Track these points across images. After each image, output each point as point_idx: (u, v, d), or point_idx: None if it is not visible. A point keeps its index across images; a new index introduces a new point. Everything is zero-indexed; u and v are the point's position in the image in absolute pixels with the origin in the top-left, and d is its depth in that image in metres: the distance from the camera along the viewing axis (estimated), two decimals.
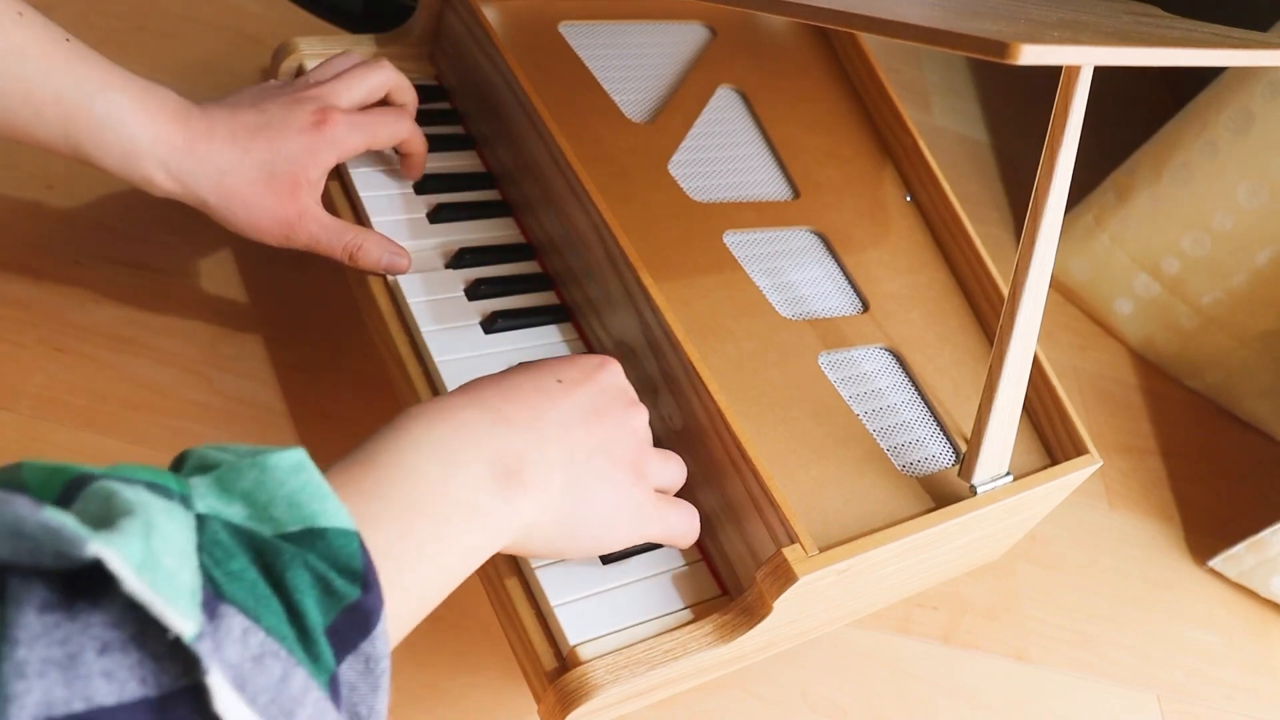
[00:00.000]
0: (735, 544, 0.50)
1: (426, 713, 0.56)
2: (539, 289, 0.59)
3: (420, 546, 0.34)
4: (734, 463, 0.50)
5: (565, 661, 0.46)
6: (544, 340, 0.57)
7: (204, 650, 0.23)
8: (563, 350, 0.57)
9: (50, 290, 0.62)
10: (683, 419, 0.52)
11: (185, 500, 0.26)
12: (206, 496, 0.27)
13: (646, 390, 0.54)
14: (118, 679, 0.22)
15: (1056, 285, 1.01)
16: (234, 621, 0.24)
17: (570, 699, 0.44)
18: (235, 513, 0.27)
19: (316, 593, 0.27)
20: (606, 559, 0.49)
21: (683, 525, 0.49)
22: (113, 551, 0.22)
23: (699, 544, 0.52)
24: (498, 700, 0.58)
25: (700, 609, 0.50)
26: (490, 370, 0.54)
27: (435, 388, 0.54)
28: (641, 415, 0.48)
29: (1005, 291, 0.54)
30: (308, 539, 0.27)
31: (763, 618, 0.47)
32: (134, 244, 0.66)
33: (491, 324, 0.56)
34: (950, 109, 1.15)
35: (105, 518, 0.24)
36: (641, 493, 0.46)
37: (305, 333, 0.66)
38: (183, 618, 0.23)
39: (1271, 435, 0.97)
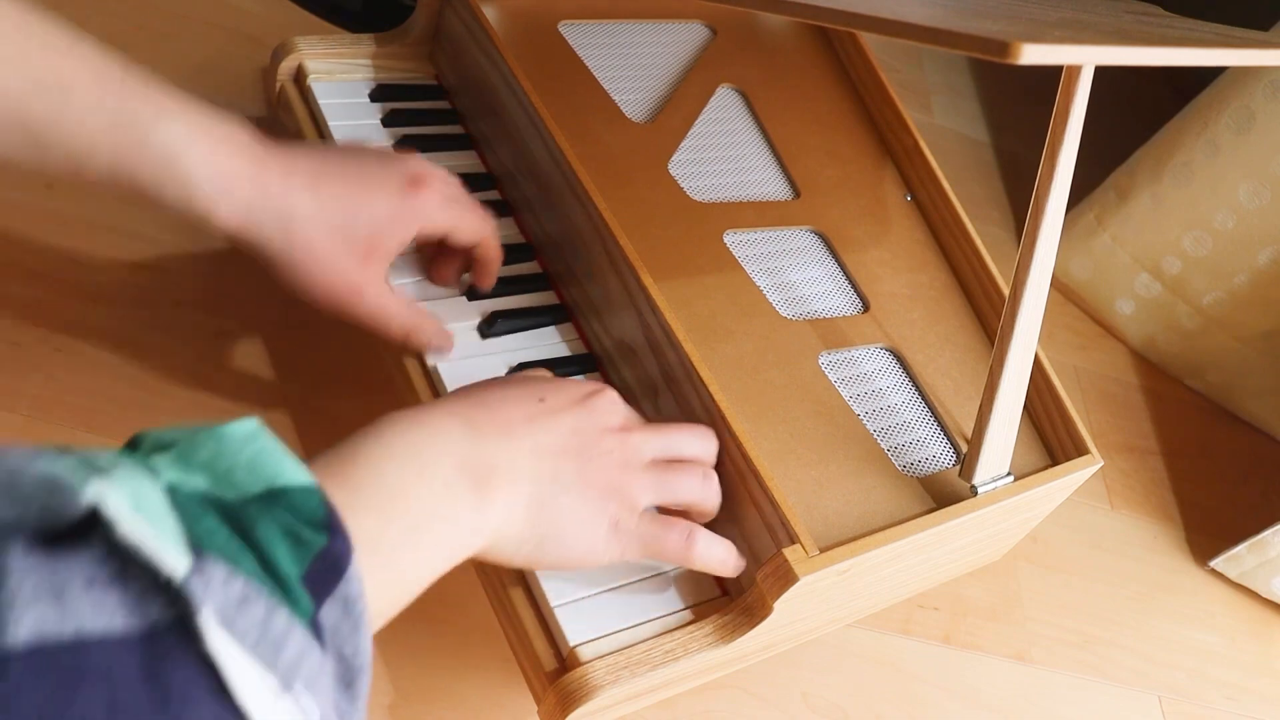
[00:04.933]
0: (736, 544, 0.50)
1: (426, 713, 0.56)
2: (539, 289, 0.59)
3: (393, 547, 0.35)
4: (734, 463, 0.49)
5: (565, 662, 0.46)
6: (544, 340, 0.57)
7: (195, 588, 0.24)
8: (562, 350, 0.57)
9: (50, 290, 0.62)
10: (683, 419, 0.52)
11: (151, 473, 0.27)
12: (169, 471, 0.28)
13: (646, 390, 0.54)
14: (105, 610, 0.23)
15: (1057, 285, 1.01)
16: (216, 568, 0.25)
17: (570, 700, 0.44)
18: (199, 482, 0.28)
19: (287, 544, 0.28)
20: None
21: (672, 546, 0.46)
22: (110, 492, 0.23)
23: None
24: (498, 700, 0.58)
25: (700, 609, 0.50)
26: (489, 372, 0.55)
27: (435, 388, 0.54)
28: (633, 443, 0.46)
29: (1006, 291, 0.54)
30: (271, 498, 0.29)
31: (763, 618, 0.47)
32: (134, 243, 0.66)
33: (491, 324, 0.56)
34: (950, 109, 1.15)
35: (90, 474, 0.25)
36: (617, 512, 0.44)
37: (305, 333, 0.66)
38: (176, 556, 0.24)
39: (1272, 435, 0.97)
